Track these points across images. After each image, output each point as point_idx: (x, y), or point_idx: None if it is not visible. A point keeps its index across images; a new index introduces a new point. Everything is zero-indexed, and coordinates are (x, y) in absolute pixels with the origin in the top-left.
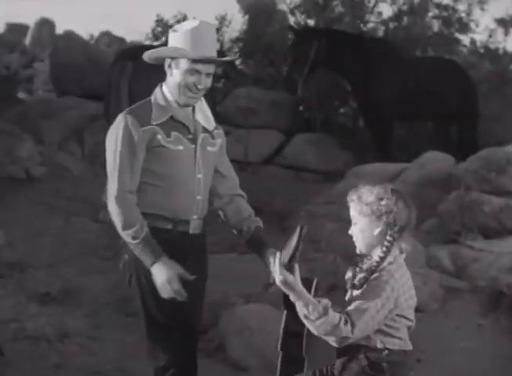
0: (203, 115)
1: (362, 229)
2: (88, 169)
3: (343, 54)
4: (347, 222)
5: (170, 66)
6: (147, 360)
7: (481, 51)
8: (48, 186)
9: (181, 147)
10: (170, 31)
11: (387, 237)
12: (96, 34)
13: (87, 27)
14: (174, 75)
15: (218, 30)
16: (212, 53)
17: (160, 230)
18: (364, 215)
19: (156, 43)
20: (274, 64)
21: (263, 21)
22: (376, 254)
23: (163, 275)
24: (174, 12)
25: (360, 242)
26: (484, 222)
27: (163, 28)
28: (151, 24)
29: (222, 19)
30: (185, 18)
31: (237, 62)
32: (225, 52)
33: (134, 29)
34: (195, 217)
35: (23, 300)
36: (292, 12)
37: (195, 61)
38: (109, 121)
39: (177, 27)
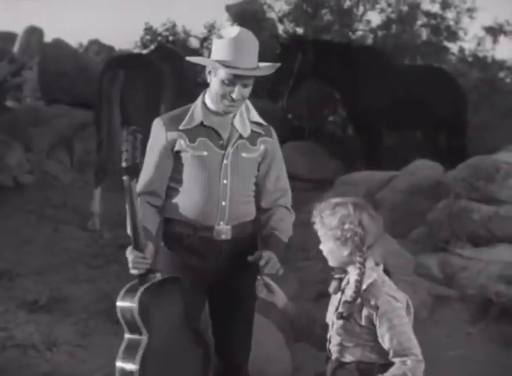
0: (241, 121)
1: (330, 251)
2: (77, 177)
3: (330, 64)
4: None
5: (209, 72)
6: None
7: (470, 59)
8: (37, 194)
9: (205, 153)
10: (214, 36)
11: (358, 258)
12: (85, 42)
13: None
14: (213, 83)
15: (206, 38)
16: (251, 64)
17: (183, 235)
18: (330, 240)
19: (144, 51)
20: None
21: (252, 29)
22: (352, 272)
23: None
24: (163, 21)
25: (331, 261)
26: (473, 230)
27: (152, 36)
28: (140, 32)
29: (211, 28)
30: (174, 26)
31: None
32: None
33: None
34: (221, 223)
35: (11, 308)
36: (281, 21)
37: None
38: (100, 129)
39: (222, 32)
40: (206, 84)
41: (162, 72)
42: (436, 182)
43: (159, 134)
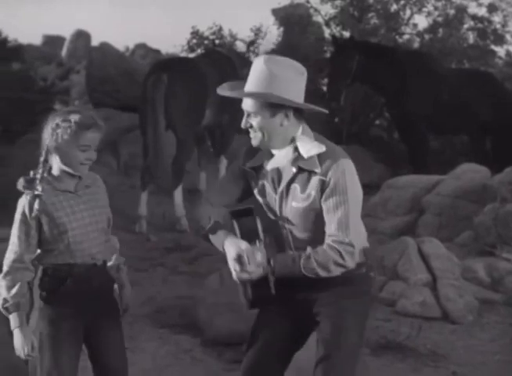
0: (302, 160)
1: None
2: (123, 180)
3: (378, 68)
4: (383, 235)
5: None
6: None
7: None
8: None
9: (265, 200)
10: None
11: None
12: (131, 45)
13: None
14: None
15: (253, 42)
16: (247, 88)
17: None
18: None
19: (191, 55)
20: (309, 76)
21: (298, 33)
22: None
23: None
24: (210, 24)
25: None
26: None
27: (198, 40)
28: (186, 36)
29: (258, 31)
30: (220, 30)
31: None
32: None
33: (169, 41)
34: None
35: None
36: (327, 24)
37: None
38: (146, 133)
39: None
40: None
41: (207, 77)
42: (482, 185)
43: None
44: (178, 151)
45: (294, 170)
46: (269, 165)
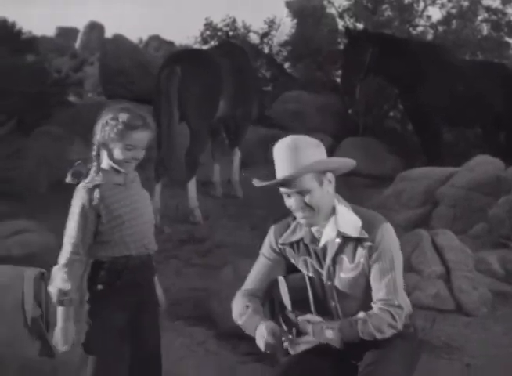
0: (343, 228)
1: None
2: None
3: (392, 60)
4: (397, 227)
5: None
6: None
7: None
8: None
9: (310, 274)
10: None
11: None
12: (145, 37)
13: (136, 31)
14: None
15: (266, 34)
16: (285, 172)
17: None
18: None
19: (204, 47)
20: (323, 68)
21: (312, 25)
22: None
23: None
24: (223, 16)
25: None
26: None
27: (212, 32)
28: (200, 28)
29: (271, 23)
30: (234, 22)
31: (286, 65)
32: (273, 55)
33: (183, 33)
34: None
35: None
36: (341, 16)
37: None
38: (160, 124)
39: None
40: (266, 80)
41: (221, 68)
42: (496, 178)
43: (271, 240)
44: (191, 143)
45: (339, 240)
46: (322, 241)
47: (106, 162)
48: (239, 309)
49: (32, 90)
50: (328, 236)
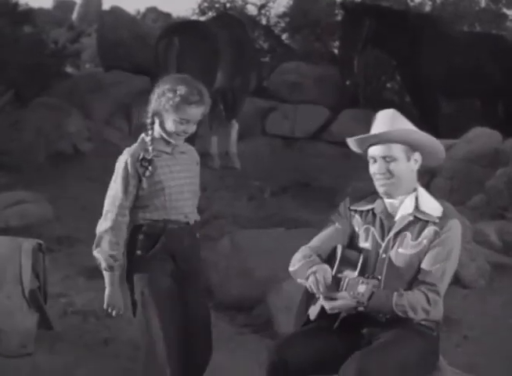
0: (424, 206)
1: None
2: None
3: (390, 32)
4: None
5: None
6: None
7: None
8: (96, 162)
9: (367, 245)
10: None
11: None
12: (143, 9)
13: (133, 3)
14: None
15: (264, 5)
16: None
17: None
18: None
19: (202, 18)
20: (321, 39)
21: None
22: None
23: None
24: None
25: None
26: None
27: (209, 3)
28: None
29: None
30: None
31: (284, 36)
32: (271, 27)
33: (180, 4)
34: None
35: (71, 274)
36: None
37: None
38: None
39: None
40: (264, 51)
41: (218, 39)
42: (494, 150)
43: (341, 208)
44: None
45: (411, 218)
46: (398, 213)
47: (157, 130)
48: (299, 257)
49: (30, 61)
50: (405, 210)
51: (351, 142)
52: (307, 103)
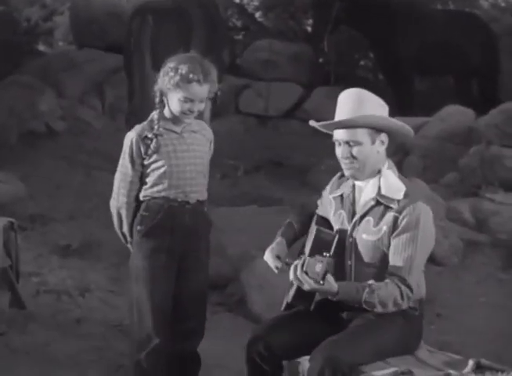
0: (381, 194)
1: None
2: (108, 123)
3: (362, 10)
4: None
5: None
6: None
7: (503, 4)
8: (69, 140)
9: (337, 226)
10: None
11: None
12: None
13: None
14: None
15: None
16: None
17: None
18: None
19: None
20: (294, 17)
21: None
22: None
23: None
24: None
25: None
26: (504, 176)
27: None
28: None
29: None
30: None
31: (257, 14)
32: (244, 5)
33: None
34: None
35: (44, 253)
36: None
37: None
38: (131, 75)
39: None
40: (237, 29)
41: (191, 18)
42: (468, 128)
43: (325, 191)
44: None
45: (373, 203)
46: (362, 198)
47: (167, 109)
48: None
49: (2, 39)
50: (367, 194)
51: (316, 126)
52: (280, 80)
